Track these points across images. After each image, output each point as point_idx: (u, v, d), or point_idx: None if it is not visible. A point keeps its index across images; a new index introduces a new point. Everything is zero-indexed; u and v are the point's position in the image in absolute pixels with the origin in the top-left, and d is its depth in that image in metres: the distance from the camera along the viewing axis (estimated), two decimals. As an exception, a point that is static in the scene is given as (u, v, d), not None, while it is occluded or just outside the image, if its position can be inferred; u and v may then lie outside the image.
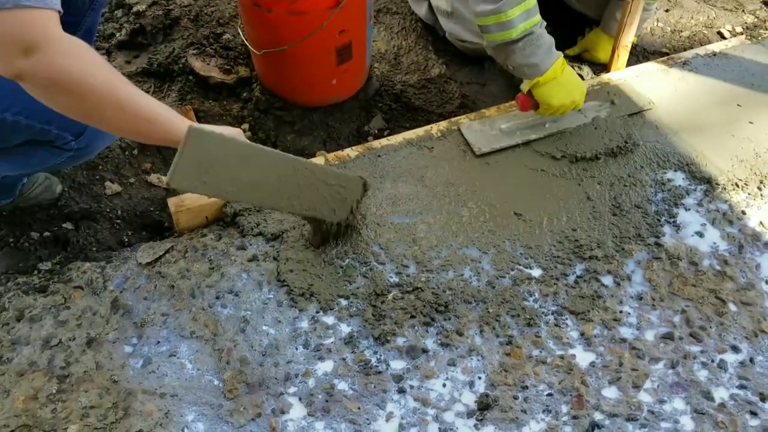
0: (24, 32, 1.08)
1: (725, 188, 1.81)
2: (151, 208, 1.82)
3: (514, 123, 1.91)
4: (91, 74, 1.14)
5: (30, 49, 1.08)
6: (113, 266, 1.58)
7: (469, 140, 1.89)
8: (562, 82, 1.80)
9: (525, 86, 1.83)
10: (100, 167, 1.85)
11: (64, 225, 1.72)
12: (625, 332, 1.51)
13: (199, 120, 1.89)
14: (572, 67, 2.27)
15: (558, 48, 1.81)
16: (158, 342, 1.45)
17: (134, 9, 2.33)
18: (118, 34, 2.26)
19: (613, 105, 1.99)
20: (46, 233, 1.70)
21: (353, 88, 2.12)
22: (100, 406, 1.34)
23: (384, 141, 1.90)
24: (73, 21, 1.61)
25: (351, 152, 1.85)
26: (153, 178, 1.88)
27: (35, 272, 1.59)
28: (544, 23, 1.79)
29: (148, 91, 2.09)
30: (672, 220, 1.73)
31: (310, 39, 1.83)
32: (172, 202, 1.66)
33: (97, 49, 2.22)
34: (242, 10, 1.94)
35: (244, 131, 2.03)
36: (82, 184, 1.81)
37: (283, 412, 1.36)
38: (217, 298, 1.52)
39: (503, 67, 1.87)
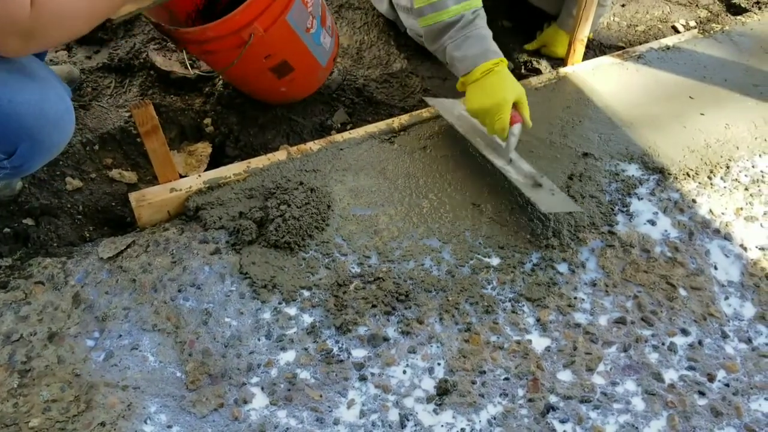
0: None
1: (677, 178, 1.87)
2: (113, 204, 1.82)
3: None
4: None
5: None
6: (74, 261, 1.58)
7: (435, 102, 1.93)
8: (480, 86, 1.71)
9: (458, 83, 1.79)
10: (61, 163, 1.84)
11: (24, 221, 1.72)
12: (580, 317, 1.56)
13: (160, 115, 1.89)
14: (530, 62, 2.33)
15: (519, 43, 1.81)
16: (120, 335, 1.46)
17: (94, 4, 2.31)
18: (78, 30, 2.24)
19: (537, 185, 1.71)
20: (6, 229, 1.69)
21: (309, 90, 2.09)
22: (62, 400, 1.35)
23: (346, 134, 1.92)
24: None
25: (313, 146, 1.87)
26: (114, 173, 1.88)
27: (-5, 268, 1.58)
28: (483, 16, 1.73)
29: (108, 87, 2.09)
30: (625, 209, 1.78)
31: (238, 63, 1.77)
32: (133, 196, 1.67)
33: (57, 44, 2.21)
34: None
35: (206, 126, 2.04)
36: (43, 180, 1.80)
37: (245, 402, 1.38)
38: (180, 291, 1.54)
39: (443, 61, 1.80)
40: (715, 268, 1.69)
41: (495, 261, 1.65)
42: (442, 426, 1.37)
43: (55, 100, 1.38)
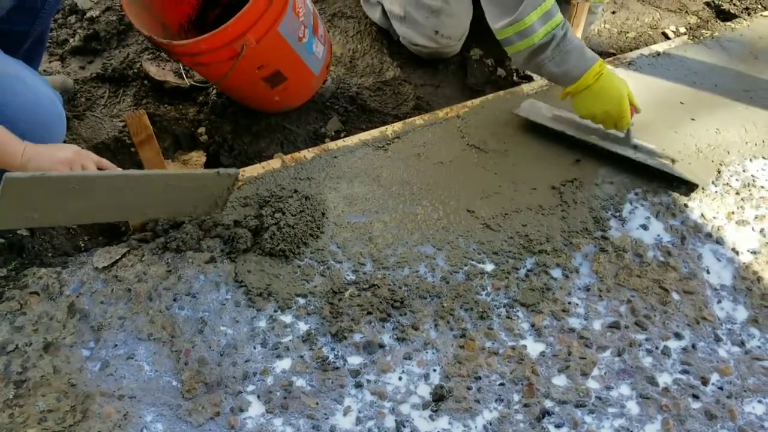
0: None
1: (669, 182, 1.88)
2: (108, 213, 1.82)
3: (568, 115, 1.92)
4: None
5: None
6: (69, 271, 1.58)
7: (522, 107, 1.95)
8: (594, 92, 1.76)
9: (561, 93, 1.82)
10: (55, 173, 1.84)
11: (18, 231, 1.71)
12: (574, 322, 1.57)
13: (154, 124, 1.89)
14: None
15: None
16: (116, 345, 1.46)
17: (88, 15, 2.32)
18: (71, 40, 2.25)
19: (672, 162, 1.84)
20: (1, 240, 1.69)
21: (302, 98, 2.10)
22: (58, 410, 1.34)
23: (340, 142, 1.93)
24: (22, 30, 1.61)
25: (308, 154, 1.88)
26: (109, 183, 1.88)
27: (-10, 279, 1.58)
28: (569, 26, 1.76)
29: (102, 97, 2.09)
30: (618, 214, 1.79)
31: (232, 74, 1.77)
32: (128, 206, 1.67)
33: (51, 55, 2.21)
34: None
35: (200, 135, 2.04)
36: (37, 190, 1.80)
37: (241, 410, 1.38)
38: (175, 300, 1.54)
39: (538, 75, 1.84)
40: (708, 271, 1.70)
41: (489, 267, 1.66)
42: (438, 432, 1.38)
43: (47, 104, 1.42)
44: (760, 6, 2.71)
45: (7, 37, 1.57)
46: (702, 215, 1.81)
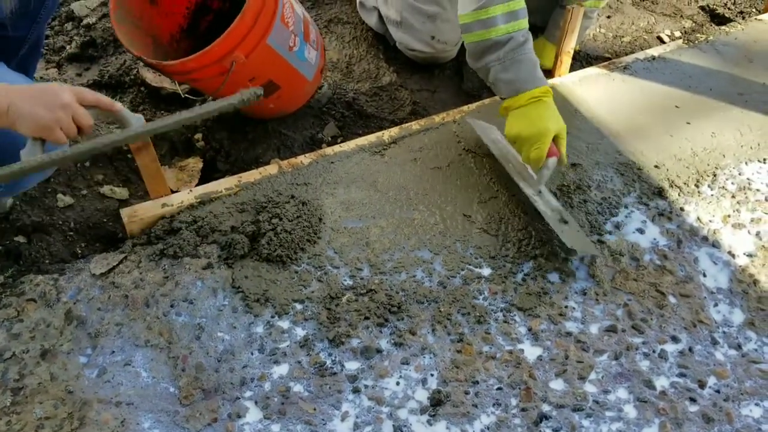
0: None
1: (664, 187, 1.89)
2: (104, 220, 1.82)
3: (504, 142, 1.88)
4: None
5: None
6: (66, 278, 1.58)
7: (476, 121, 1.92)
8: (523, 113, 1.69)
9: (500, 108, 1.76)
10: (52, 180, 1.85)
11: (15, 238, 1.72)
12: (571, 326, 1.57)
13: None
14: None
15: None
16: (113, 352, 1.46)
17: (84, 22, 2.33)
18: (68, 47, 2.26)
19: (563, 222, 1.71)
20: (-2, 247, 1.69)
21: (297, 104, 2.11)
22: (55, 417, 1.34)
23: (337, 148, 1.93)
24: (20, 35, 1.61)
25: (304, 159, 1.88)
26: (105, 189, 1.88)
27: (-13, 286, 1.58)
28: (530, 39, 1.71)
29: (99, 103, 2.09)
30: (614, 218, 1.80)
31: (225, 87, 1.76)
32: (124, 212, 1.67)
33: (47, 62, 2.22)
34: None
35: (197, 141, 2.04)
36: (34, 197, 1.80)
37: (239, 416, 1.38)
38: (172, 306, 1.54)
39: (484, 80, 1.79)
40: (704, 275, 1.70)
41: (486, 271, 1.66)
42: (435, 437, 1.38)
43: None
44: (754, 10, 2.72)
45: (5, 42, 1.57)
46: (698, 219, 1.82)
